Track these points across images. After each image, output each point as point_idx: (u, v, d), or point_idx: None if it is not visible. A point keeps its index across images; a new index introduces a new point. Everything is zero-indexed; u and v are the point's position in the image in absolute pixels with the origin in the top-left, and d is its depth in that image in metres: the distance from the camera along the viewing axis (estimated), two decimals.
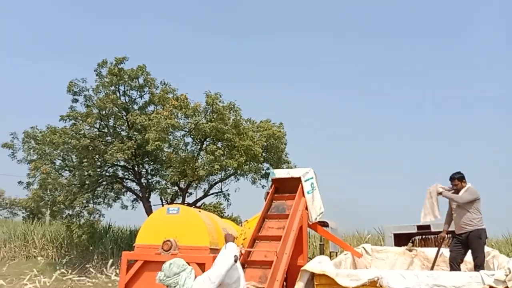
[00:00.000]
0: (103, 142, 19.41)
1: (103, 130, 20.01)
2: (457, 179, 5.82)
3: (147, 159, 20.36)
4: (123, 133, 19.96)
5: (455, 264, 5.64)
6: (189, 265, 4.16)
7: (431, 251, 6.91)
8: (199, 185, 21.28)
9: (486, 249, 6.04)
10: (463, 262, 5.79)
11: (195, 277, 4.01)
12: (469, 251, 5.69)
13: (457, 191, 5.85)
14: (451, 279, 4.23)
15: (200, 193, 22.06)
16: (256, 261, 5.26)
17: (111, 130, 20.02)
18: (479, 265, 5.33)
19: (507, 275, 4.01)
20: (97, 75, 19.53)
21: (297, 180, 6.40)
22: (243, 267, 5.25)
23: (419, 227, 8.49)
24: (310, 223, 6.37)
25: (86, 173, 18.79)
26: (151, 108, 20.46)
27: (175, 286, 3.96)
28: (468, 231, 5.60)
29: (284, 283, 6.17)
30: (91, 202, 19.71)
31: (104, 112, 19.14)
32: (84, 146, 18.05)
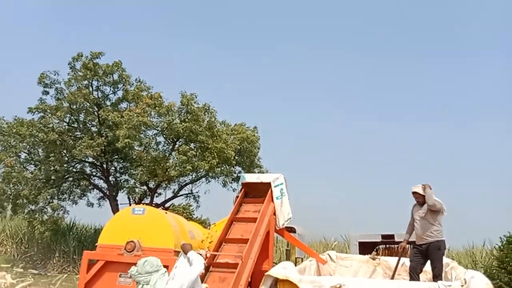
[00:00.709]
0: (72, 137, 18.91)
1: (72, 125, 19.52)
2: (420, 193, 5.98)
3: (116, 156, 19.96)
4: (94, 129, 19.53)
5: (414, 274, 5.78)
6: None
7: (393, 260, 7.06)
8: (168, 185, 21.01)
9: (445, 260, 6.23)
10: (422, 272, 5.94)
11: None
12: (429, 262, 5.85)
13: (420, 204, 6.01)
14: None
15: (169, 194, 21.79)
16: (221, 263, 5.24)
17: (81, 125, 19.55)
18: (437, 275, 5.49)
19: (462, 286, 4.14)
20: (70, 68, 19.05)
21: (267, 185, 6.42)
22: (208, 270, 5.23)
23: (383, 236, 8.69)
24: (278, 228, 6.40)
25: (52, 168, 18.23)
26: (124, 105, 20.11)
27: (144, 285, 3.87)
28: (428, 242, 5.75)
29: None
30: (56, 198, 19.14)
31: (75, 106, 18.67)
32: (52, 140, 17.54)
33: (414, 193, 6.06)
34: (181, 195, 21.91)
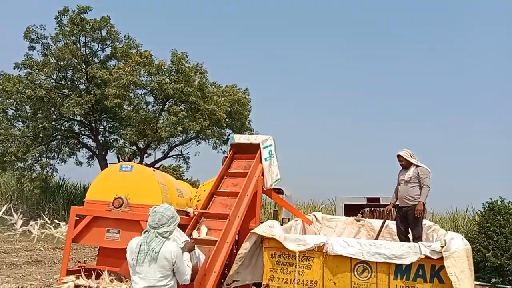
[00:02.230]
0: (60, 95, 18.61)
1: (60, 82, 19.14)
2: (404, 156, 6.04)
3: (105, 115, 19.78)
4: (82, 86, 19.21)
5: (402, 237, 5.96)
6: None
7: (377, 223, 7.24)
8: (158, 146, 20.99)
9: (428, 223, 6.40)
10: (409, 234, 6.11)
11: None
12: None
13: (404, 167, 6.08)
14: (392, 249, 4.46)
15: (159, 155, 21.80)
16: (212, 214, 5.36)
17: (68, 83, 19.20)
18: (417, 237, 5.66)
19: (442, 246, 4.27)
20: (57, 23, 18.46)
21: (256, 146, 6.44)
22: (199, 218, 5.35)
23: (369, 199, 8.87)
24: (265, 189, 6.47)
25: (40, 125, 18.01)
26: (112, 62, 19.70)
27: (164, 234, 3.40)
28: (408, 205, 5.89)
29: (235, 246, 6.31)
30: (45, 156, 19.04)
31: (62, 63, 18.25)
32: (39, 97, 17.26)
33: (398, 156, 6.12)
34: (171, 156, 21.95)
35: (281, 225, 6.32)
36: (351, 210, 8.99)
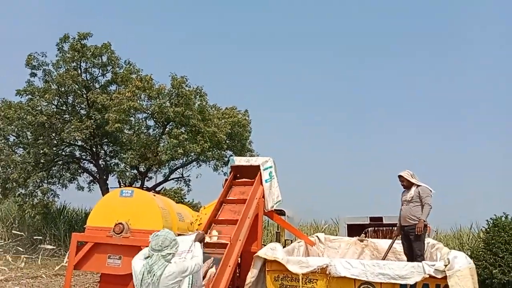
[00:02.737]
0: (61, 120, 18.73)
1: (61, 108, 19.29)
2: (405, 176, 6.07)
3: (106, 140, 19.85)
4: (82, 111, 19.34)
5: (407, 256, 5.93)
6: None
7: (381, 242, 7.20)
8: (159, 169, 20.97)
9: (432, 241, 6.37)
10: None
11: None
12: None
13: (406, 187, 6.10)
14: (396, 269, 4.42)
15: (160, 178, 21.77)
16: (210, 243, 5.28)
17: (69, 108, 19.34)
18: (419, 255, 5.63)
19: (446, 265, 4.23)
20: (58, 49, 18.73)
21: (256, 168, 6.44)
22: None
23: (371, 219, 8.81)
24: (266, 211, 6.44)
25: (41, 151, 18.05)
26: (113, 87, 19.90)
27: (167, 257, 3.39)
28: (410, 224, 5.88)
29: (238, 269, 6.25)
30: (46, 181, 19.02)
31: (63, 88, 18.43)
32: (41, 122, 17.36)
33: (399, 176, 6.16)
34: (172, 179, 21.91)
35: (284, 247, 6.29)
36: (354, 230, 8.94)
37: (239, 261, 5.99)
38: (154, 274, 3.30)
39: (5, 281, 12.18)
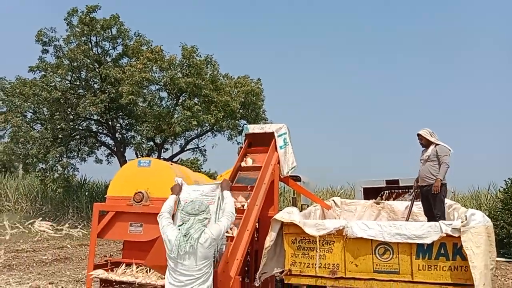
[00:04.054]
0: (75, 95, 18.93)
1: (74, 83, 19.43)
2: (423, 135, 5.99)
3: (121, 113, 20.03)
4: (96, 86, 19.47)
5: (427, 216, 5.93)
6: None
7: (397, 204, 7.20)
8: (175, 140, 21.20)
9: (449, 202, 6.33)
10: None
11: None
12: None
13: (424, 146, 6.02)
14: (412, 229, 4.43)
15: (176, 149, 22.03)
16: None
17: (83, 83, 19.47)
18: (439, 216, 5.61)
19: (462, 222, 4.24)
20: (67, 24, 18.70)
21: (271, 135, 6.43)
22: None
23: (387, 182, 8.79)
24: (282, 177, 6.48)
25: (58, 126, 18.38)
26: (124, 60, 19.90)
27: (204, 221, 3.44)
28: (428, 183, 5.84)
29: (256, 234, 6.37)
30: (65, 156, 19.44)
31: (75, 63, 18.51)
32: (55, 98, 17.58)
33: (418, 135, 6.07)
34: (188, 149, 22.15)
35: (300, 211, 6.34)
36: (370, 193, 8.94)
37: (256, 226, 6.09)
38: (192, 237, 3.30)
39: (32, 251, 12.71)
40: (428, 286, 4.36)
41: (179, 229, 3.42)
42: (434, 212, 5.72)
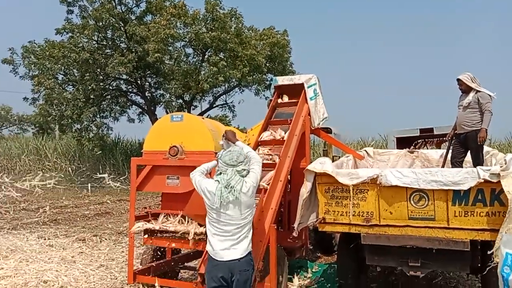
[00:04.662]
0: (103, 55, 19.10)
1: (101, 43, 19.56)
2: (463, 80, 5.74)
3: (149, 72, 20.18)
4: (123, 45, 19.53)
5: (455, 163, 5.80)
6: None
7: (432, 153, 7.07)
8: (203, 97, 21.32)
9: (486, 148, 6.15)
10: (463, 162, 5.93)
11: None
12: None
13: (464, 92, 5.79)
14: (449, 175, 4.36)
15: (205, 106, 22.20)
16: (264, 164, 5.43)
17: (110, 43, 19.58)
18: (477, 164, 5.46)
19: (502, 167, 4.13)
20: None
21: (300, 87, 6.34)
22: None
23: (421, 131, 8.57)
24: (313, 128, 6.44)
25: (89, 87, 18.77)
26: (148, 18, 19.76)
27: (243, 172, 3.39)
28: (466, 131, 5.66)
29: (289, 185, 6.46)
30: (98, 116, 19.98)
31: (101, 23, 18.54)
32: (84, 59, 17.81)
33: (457, 80, 5.81)
34: (217, 106, 22.28)
35: (332, 162, 6.34)
36: (403, 143, 8.77)
37: (289, 178, 6.16)
38: (234, 189, 3.28)
39: (75, 207, 13.43)
40: (464, 232, 4.35)
41: (218, 181, 3.35)
42: (473, 162, 5.59)
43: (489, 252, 4.16)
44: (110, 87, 20.48)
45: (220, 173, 3.40)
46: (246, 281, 3.24)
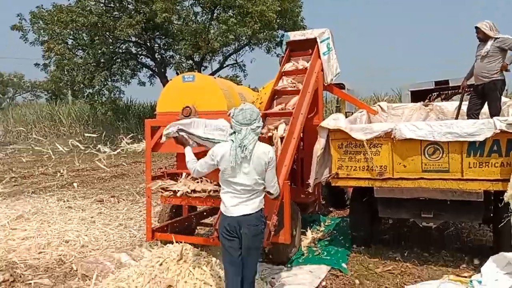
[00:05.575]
0: (111, 18, 18.83)
1: (109, 5, 19.26)
2: (481, 28, 5.52)
3: (158, 33, 19.92)
4: (130, 6, 19.20)
5: (471, 115, 5.71)
6: None
7: (447, 105, 6.96)
8: (213, 57, 21.06)
9: (503, 99, 6.02)
10: (479, 114, 5.84)
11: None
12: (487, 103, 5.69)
13: (482, 41, 5.59)
14: (464, 127, 4.31)
15: (215, 66, 22.00)
16: (276, 113, 5.44)
17: (117, 4, 19.26)
18: (494, 115, 5.36)
19: None
20: None
21: (313, 42, 6.19)
22: (264, 119, 5.28)
23: (436, 83, 8.38)
24: (326, 84, 6.35)
25: (99, 51, 18.69)
26: None
27: (257, 130, 3.25)
28: (483, 82, 5.52)
29: (302, 142, 6.49)
30: (109, 80, 20.01)
31: None
32: (93, 23, 17.62)
33: (476, 28, 5.59)
34: (227, 65, 22.05)
35: (346, 118, 6.31)
36: (418, 96, 8.62)
37: (301, 135, 6.17)
38: (246, 148, 3.16)
39: (92, 170, 13.76)
40: (478, 183, 4.36)
41: (232, 140, 3.24)
42: (490, 111, 5.49)
43: (501, 204, 4.19)
44: (120, 50, 20.35)
45: (234, 132, 3.28)
46: (255, 235, 3.25)
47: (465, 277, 4.14)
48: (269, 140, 5.19)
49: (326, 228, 6.43)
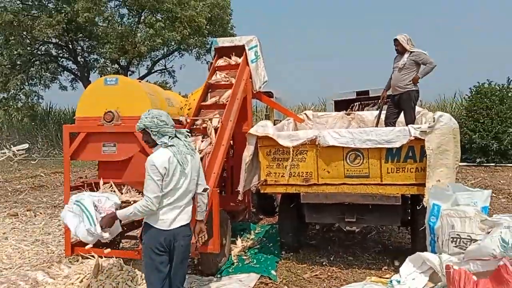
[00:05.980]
0: (29, 17, 17.52)
1: (26, 3, 17.90)
2: (400, 40, 5.88)
3: (81, 35, 18.88)
4: (50, 5, 18.02)
5: (389, 123, 6.05)
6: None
7: (367, 114, 7.35)
8: (141, 62, 20.42)
9: (417, 109, 6.47)
10: (396, 123, 6.21)
11: None
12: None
13: (399, 53, 5.95)
14: (382, 134, 4.57)
15: (143, 71, 21.32)
16: (202, 128, 5.34)
17: (36, 2, 17.97)
18: (409, 122, 5.74)
19: (430, 125, 4.39)
20: None
21: (241, 49, 6.23)
22: (199, 111, 5.50)
23: (358, 93, 8.88)
24: (254, 92, 6.41)
25: (15, 52, 17.29)
26: None
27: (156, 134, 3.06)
28: (399, 92, 5.90)
29: (231, 150, 6.46)
30: (26, 83, 18.56)
31: None
32: (8, 21, 16.25)
33: (394, 40, 5.93)
34: (156, 71, 21.48)
35: (274, 125, 6.39)
36: (341, 106, 9.07)
37: (231, 143, 6.15)
38: (192, 148, 3.28)
39: (5, 181, 12.59)
40: (396, 187, 4.63)
41: (170, 144, 3.07)
42: (406, 119, 5.85)
43: (419, 207, 4.48)
44: (39, 52, 18.98)
45: (162, 135, 3.08)
46: (188, 245, 3.20)
47: (386, 278, 4.34)
48: (204, 131, 5.19)
49: (256, 236, 6.43)
